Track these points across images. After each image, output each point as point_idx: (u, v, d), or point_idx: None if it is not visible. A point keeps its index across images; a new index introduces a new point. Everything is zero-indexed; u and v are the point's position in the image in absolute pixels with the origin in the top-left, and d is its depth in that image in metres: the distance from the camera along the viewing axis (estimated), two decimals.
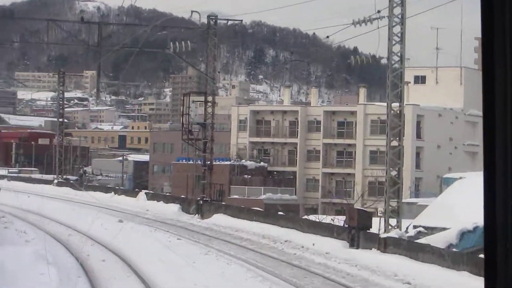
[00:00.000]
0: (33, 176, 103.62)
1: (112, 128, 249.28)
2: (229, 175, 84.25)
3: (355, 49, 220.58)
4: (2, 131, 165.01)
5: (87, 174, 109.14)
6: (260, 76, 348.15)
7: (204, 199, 51.99)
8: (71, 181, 75.27)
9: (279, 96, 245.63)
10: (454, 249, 32.19)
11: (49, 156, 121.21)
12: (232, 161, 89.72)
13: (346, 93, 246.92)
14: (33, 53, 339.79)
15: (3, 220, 41.45)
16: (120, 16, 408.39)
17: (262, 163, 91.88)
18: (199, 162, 54.57)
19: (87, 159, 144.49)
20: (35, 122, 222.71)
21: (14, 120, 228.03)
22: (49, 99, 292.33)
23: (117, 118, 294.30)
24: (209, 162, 51.31)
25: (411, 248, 32.26)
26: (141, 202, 58.20)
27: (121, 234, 35.14)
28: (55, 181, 74.23)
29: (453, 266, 28.74)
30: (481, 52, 3.27)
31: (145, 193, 59.82)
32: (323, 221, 43.87)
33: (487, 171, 3.24)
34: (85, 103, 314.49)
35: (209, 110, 53.01)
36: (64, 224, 42.16)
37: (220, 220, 47.28)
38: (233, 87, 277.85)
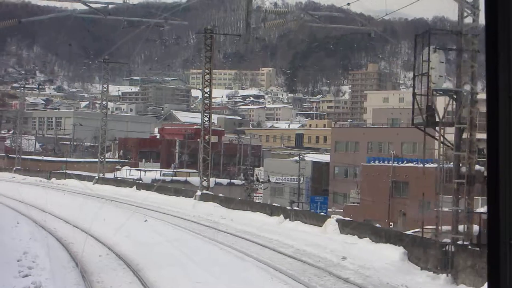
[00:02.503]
0: (189, 179, 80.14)
1: (288, 126, 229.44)
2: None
3: None
4: (166, 127, 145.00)
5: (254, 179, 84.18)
6: None
7: (462, 242, 24.77)
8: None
9: None
10: None
11: (217, 155, 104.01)
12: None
13: None
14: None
15: None
16: (298, 12, 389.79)
17: None
18: (445, 166, 26.88)
19: (258, 159, 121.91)
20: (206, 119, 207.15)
21: (185, 117, 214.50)
22: (224, 96, 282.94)
23: (294, 116, 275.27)
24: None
25: None
26: (330, 235, 31.61)
27: None
28: (198, 193, 48.49)
29: None
30: (485, 49, 3.16)
31: (337, 220, 32.72)
32: None
33: (490, 169, 3.17)
34: (261, 100, 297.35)
35: None
36: None
37: None
38: None
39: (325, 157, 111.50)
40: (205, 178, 48.74)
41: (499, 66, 3.10)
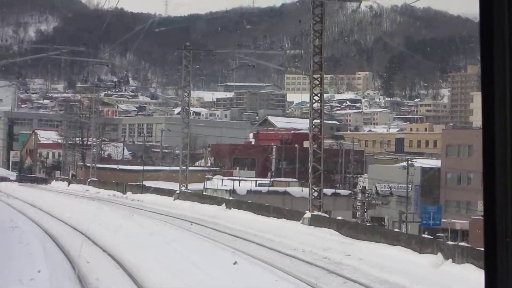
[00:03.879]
0: (288, 189, 68.38)
1: (387, 130, 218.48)
2: None
3: None
4: (261, 132, 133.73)
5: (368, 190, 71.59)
6: None
7: None
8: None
9: None
10: None
11: (317, 161, 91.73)
12: None
13: None
14: (303, 55, 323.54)
15: None
16: (394, 15, 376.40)
17: None
18: None
19: (361, 166, 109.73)
20: (304, 124, 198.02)
21: (281, 122, 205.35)
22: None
23: (391, 121, 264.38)
24: None
25: None
26: None
27: None
28: (307, 215, 35.20)
29: None
30: (480, 51, 3.26)
31: None
32: None
33: (487, 166, 3.23)
34: (357, 105, 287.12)
35: None
36: None
37: None
38: None
39: (434, 162, 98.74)
40: (315, 189, 35.81)
41: (494, 67, 3.07)
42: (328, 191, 74.83)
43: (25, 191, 63.37)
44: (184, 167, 53.82)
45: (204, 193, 55.91)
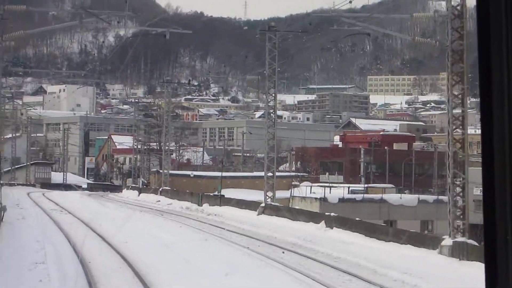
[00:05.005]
0: (385, 196, 58.85)
1: (475, 131, 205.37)
2: None
3: None
4: (349, 135, 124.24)
5: None
6: None
7: None
8: None
9: None
10: None
11: (408, 165, 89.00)
12: None
13: None
14: (385, 57, 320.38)
15: None
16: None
17: None
18: None
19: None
20: (389, 126, 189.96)
21: (365, 125, 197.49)
22: (403, 102, 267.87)
23: (478, 121, 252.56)
24: None
25: None
26: None
27: None
28: (447, 242, 24.31)
29: None
30: (477, 49, 3.16)
31: None
32: None
33: (486, 165, 3.19)
34: (442, 106, 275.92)
35: None
36: None
37: None
38: None
39: None
40: (458, 207, 25.39)
41: (492, 66, 3.02)
42: (429, 197, 64.68)
43: (88, 203, 55.01)
44: (270, 174, 43.93)
45: (292, 205, 46.29)
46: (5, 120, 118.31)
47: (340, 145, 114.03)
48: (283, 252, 26.33)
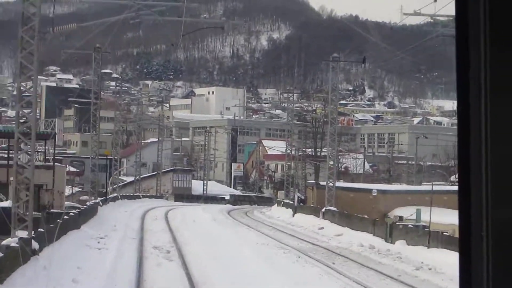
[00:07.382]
0: None
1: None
2: None
3: None
4: None
5: None
6: None
7: None
8: None
9: None
10: None
11: None
12: None
13: None
14: None
15: None
16: None
17: None
18: None
19: None
20: None
21: None
22: None
23: None
24: None
25: None
26: None
27: None
28: None
29: None
30: (455, 45, 3.17)
31: None
32: None
33: (462, 161, 3.19)
34: None
35: None
36: None
37: None
38: None
39: None
40: None
41: (471, 63, 3.03)
42: None
43: (217, 232, 38.08)
44: None
45: None
46: (149, 124, 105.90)
47: None
48: None
